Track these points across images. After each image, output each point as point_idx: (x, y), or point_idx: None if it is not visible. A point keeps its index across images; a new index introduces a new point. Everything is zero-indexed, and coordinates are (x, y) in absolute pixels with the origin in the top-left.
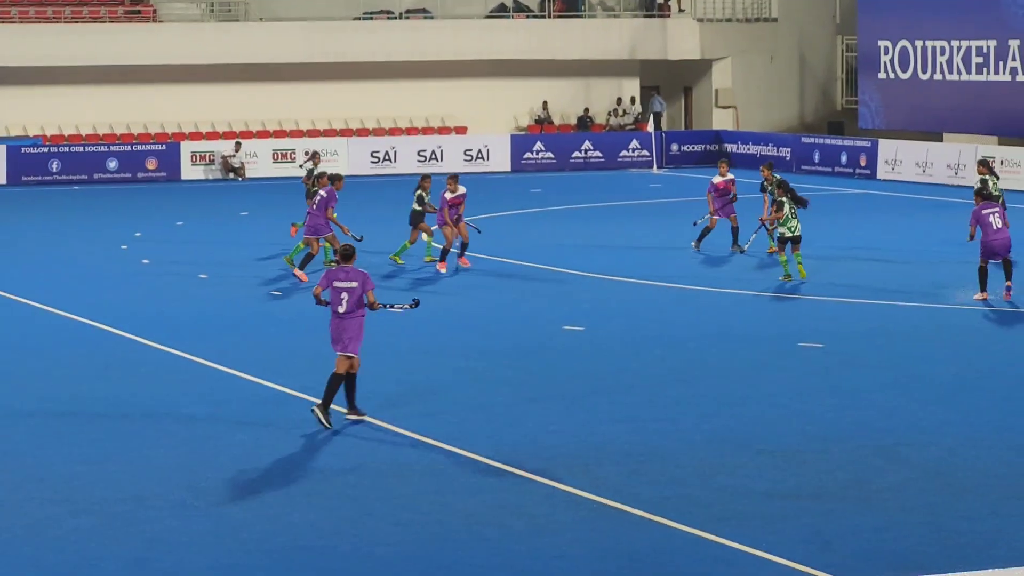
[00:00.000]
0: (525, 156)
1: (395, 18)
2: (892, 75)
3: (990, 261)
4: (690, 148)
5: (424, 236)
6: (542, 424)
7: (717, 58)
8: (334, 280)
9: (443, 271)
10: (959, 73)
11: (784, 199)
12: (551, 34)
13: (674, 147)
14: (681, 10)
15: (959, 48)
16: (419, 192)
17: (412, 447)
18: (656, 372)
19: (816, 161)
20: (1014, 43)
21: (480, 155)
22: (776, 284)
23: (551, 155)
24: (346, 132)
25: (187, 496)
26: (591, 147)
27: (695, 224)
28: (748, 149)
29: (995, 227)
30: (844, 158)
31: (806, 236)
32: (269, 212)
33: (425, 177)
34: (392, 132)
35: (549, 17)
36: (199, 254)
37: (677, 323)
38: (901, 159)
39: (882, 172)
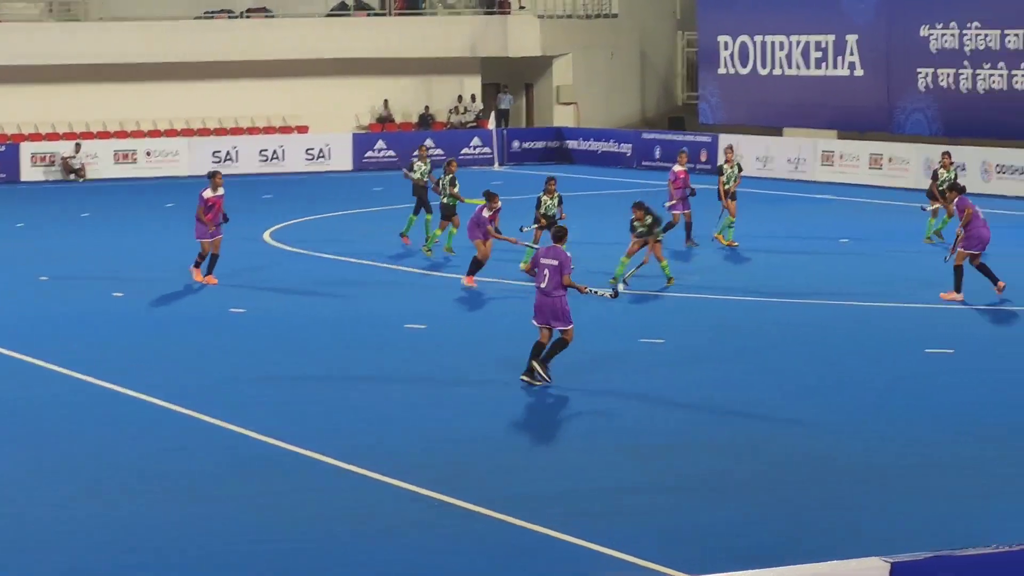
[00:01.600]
0: (367, 155)
1: (236, 17)
2: (732, 70)
3: (972, 253)
4: (531, 145)
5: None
6: (392, 424)
7: (558, 55)
8: (541, 258)
9: (472, 286)
10: (798, 68)
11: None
12: (392, 32)
13: (515, 144)
14: (521, 7)
15: (798, 43)
16: (450, 177)
17: (263, 449)
18: (502, 370)
19: (657, 157)
20: (852, 38)
21: (322, 154)
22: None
23: (392, 153)
24: (187, 132)
25: (27, 504)
26: (433, 145)
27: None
28: (589, 146)
29: (982, 217)
30: None
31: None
32: (110, 213)
33: (450, 162)
34: (233, 132)
35: (390, 15)
36: (39, 256)
37: (520, 319)
38: (741, 154)
39: None
